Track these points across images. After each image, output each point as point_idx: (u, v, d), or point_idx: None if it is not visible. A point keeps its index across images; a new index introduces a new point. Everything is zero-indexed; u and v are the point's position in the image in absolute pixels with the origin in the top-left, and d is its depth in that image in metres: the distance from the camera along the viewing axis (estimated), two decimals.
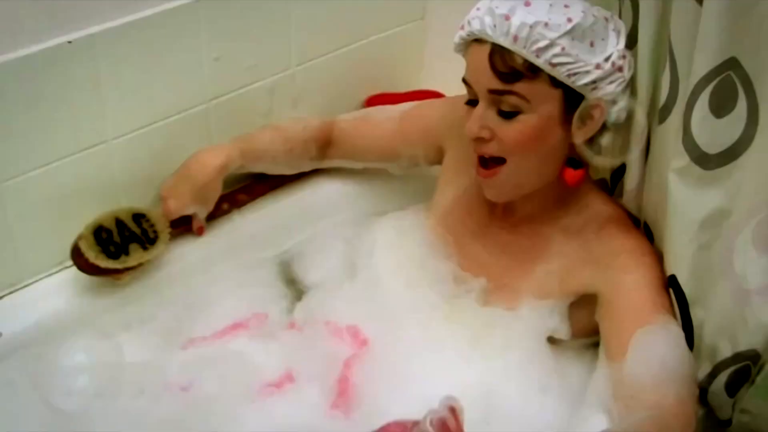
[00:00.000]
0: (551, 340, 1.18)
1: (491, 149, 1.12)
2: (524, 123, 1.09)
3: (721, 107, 0.98)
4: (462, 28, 1.12)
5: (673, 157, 1.05)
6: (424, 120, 1.39)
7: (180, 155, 1.42)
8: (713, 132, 1.00)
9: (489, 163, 1.14)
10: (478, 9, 1.10)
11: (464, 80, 1.14)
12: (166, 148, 1.40)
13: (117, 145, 1.33)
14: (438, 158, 1.36)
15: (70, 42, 1.22)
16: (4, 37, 1.16)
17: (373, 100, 1.68)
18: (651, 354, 1.03)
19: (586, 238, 1.17)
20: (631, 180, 1.18)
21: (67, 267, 1.35)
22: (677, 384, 1.02)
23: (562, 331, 1.17)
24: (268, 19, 1.44)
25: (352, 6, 1.55)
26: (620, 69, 1.10)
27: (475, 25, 1.09)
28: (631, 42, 1.13)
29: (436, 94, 1.69)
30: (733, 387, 1.08)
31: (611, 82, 1.09)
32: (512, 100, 1.08)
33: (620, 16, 1.15)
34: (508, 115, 1.09)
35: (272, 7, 1.44)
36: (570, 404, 1.12)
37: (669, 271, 1.10)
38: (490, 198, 1.19)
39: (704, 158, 1.01)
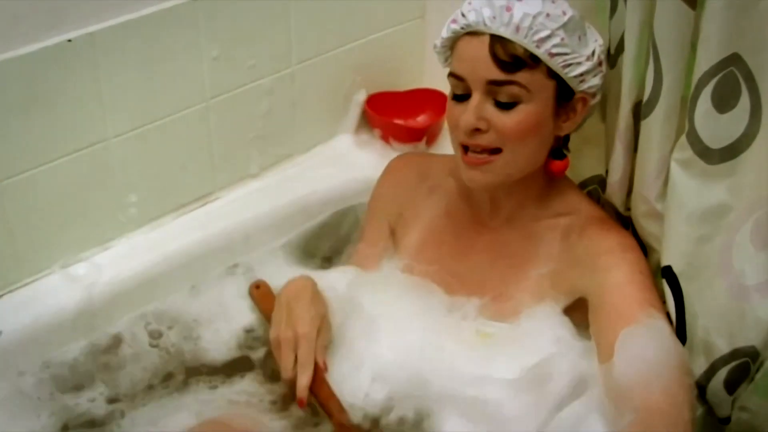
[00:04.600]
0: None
1: (487, 140, 1.11)
2: (523, 112, 1.09)
3: (723, 103, 0.98)
4: (454, 21, 1.11)
5: (676, 148, 1.05)
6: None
7: (179, 154, 1.42)
8: (716, 127, 1.00)
9: (483, 152, 1.13)
10: (470, 2, 1.10)
11: (453, 74, 1.13)
12: (166, 147, 1.40)
13: (117, 144, 1.33)
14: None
15: (69, 41, 1.22)
16: (3, 36, 1.16)
17: (373, 99, 1.67)
18: (635, 353, 1.03)
19: (571, 240, 1.17)
20: (614, 173, 1.19)
21: (66, 267, 1.35)
22: (664, 378, 1.01)
23: (567, 329, 1.16)
24: (268, 18, 1.45)
25: (352, 5, 1.56)
26: (601, 63, 1.13)
27: (472, 17, 1.08)
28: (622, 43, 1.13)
29: (435, 93, 1.69)
30: (733, 384, 1.08)
31: (595, 75, 1.12)
32: (513, 90, 1.08)
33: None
34: (506, 106, 1.09)
35: (272, 5, 1.44)
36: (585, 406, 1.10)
37: (665, 262, 1.10)
38: (476, 186, 1.16)
39: (707, 152, 1.01)
